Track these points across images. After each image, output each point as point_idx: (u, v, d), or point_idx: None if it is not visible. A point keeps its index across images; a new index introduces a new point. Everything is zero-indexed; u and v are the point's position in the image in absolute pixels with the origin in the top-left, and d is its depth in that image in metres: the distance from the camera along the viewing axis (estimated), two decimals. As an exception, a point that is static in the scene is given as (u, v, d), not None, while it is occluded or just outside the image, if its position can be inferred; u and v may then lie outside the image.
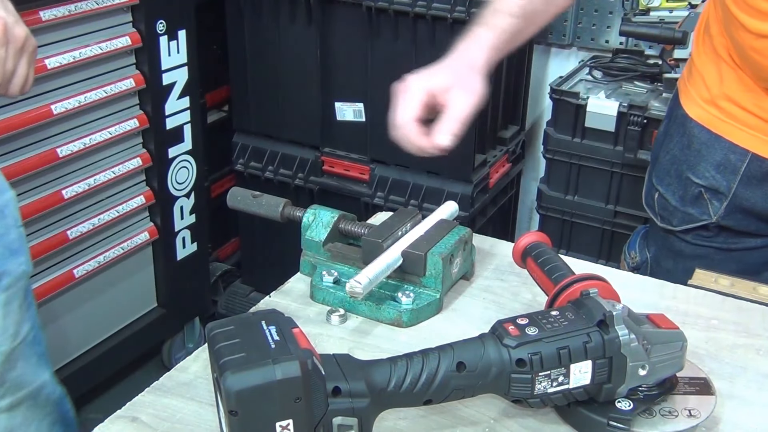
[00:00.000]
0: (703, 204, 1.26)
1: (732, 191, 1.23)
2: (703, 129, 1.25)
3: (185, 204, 2.13)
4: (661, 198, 1.32)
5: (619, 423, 0.75)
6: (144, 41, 1.88)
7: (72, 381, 1.95)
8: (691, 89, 1.28)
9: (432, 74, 1.01)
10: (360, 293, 0.88)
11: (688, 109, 1.27)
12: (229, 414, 0.65)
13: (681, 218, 1.29)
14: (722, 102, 1.22)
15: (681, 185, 1.28)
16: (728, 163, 1.22)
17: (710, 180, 1.25)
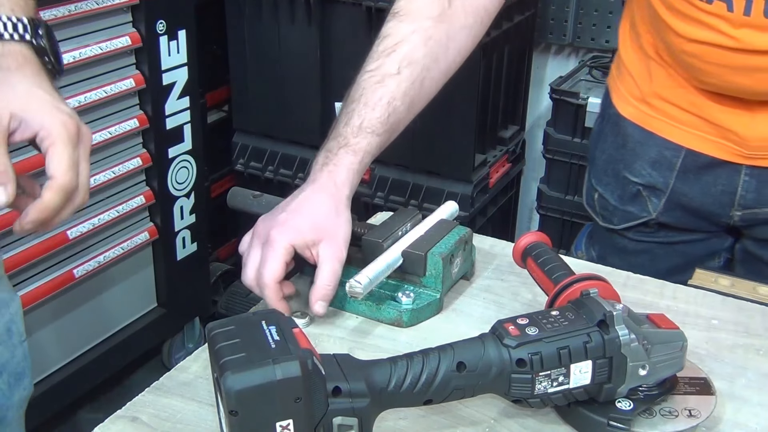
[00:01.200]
0: (642, 202, 1.27)
1: (669, 187, 1.23)
2: (636, 127, 1.25)
3: (185, 204, 2.13)
4: (601, 198, 1.32)
5: (619, 423, 0.75)
6: (144, 41, 1.88)
7: (72, 381, 1.95)
8: (621, 87, 1.28)
9: (297, 226, 0.91)
10: (360, 293, 0.88)
11: (620, 108, 1.28)
12: (229, 414, 0.65)
13: (621, 217, 1.30)
14: (653, 100, 1.22)
15: (619, 184, 1.29)
16: (663, 160, 1.23)
17: (647, 177, 1.25)
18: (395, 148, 1.04)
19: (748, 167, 1.17)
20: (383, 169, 2.20)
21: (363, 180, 1.02)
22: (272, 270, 0.90)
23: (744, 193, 1.19)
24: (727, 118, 1.15)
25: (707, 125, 1.18)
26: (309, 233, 0.92)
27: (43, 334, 1.87)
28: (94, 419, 0.77)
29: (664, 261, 1.29)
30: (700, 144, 1.19)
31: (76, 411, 2.11)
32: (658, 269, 1.23)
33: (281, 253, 0.90)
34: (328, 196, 0.95)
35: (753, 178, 1.18)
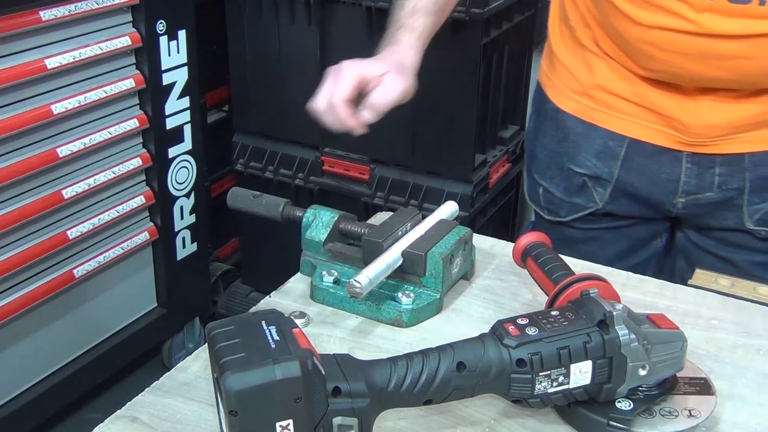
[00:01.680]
0: (588, 192, 1.30)
1: (614, 177, 1.26)
2: (577, 120, 1.27)
3: (185, 204, 2.13)
4: (546, 192, 1.35)
5: (619, 423, 0.75)
6: (144, 41, 1.88)
7: (72, 381, 1.95)
8: (557, 83, 1.30)
9: (367, 62, 1.09)
10: (360, 293, 0.88)
11: (559, 102, 1.30)
12: (229, 414, 0.65)
13: (568, 209, 1.33)
14: (595, 92, 1.24)
15: (564, 177, 1.31)
16: (608, 150, 1.25)
17: (592, 168, 1.27)
18: (395, 148, 1.04)
19: (690, 154, 1.21)
20: (383, 169, 2.20)
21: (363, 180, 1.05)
22: (341, 90, 1.06)
23: (687, 180, 1.23)
24: (671, 106, 1.18)
25: (650, 114, 1.21)
26: (378, 67, 1.08)
27: (43, 334, 1.87)
28: (94, 419, 0.77)
29: (611, 246, 1.33)
30: (644, 133, 1.22)
31: (76, 411, 2.11)
32: (606, 254, 1.30)
33: (350, 76, 1.07)
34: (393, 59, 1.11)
35: (694, 165, 1.21)
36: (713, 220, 1.26)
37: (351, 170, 2.24)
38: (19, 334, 1.81)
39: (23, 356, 1.84)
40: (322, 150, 2.28)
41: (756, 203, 1.23)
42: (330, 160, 2.27)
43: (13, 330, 1.79)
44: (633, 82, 1.21)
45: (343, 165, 2.25)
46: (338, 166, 2.26)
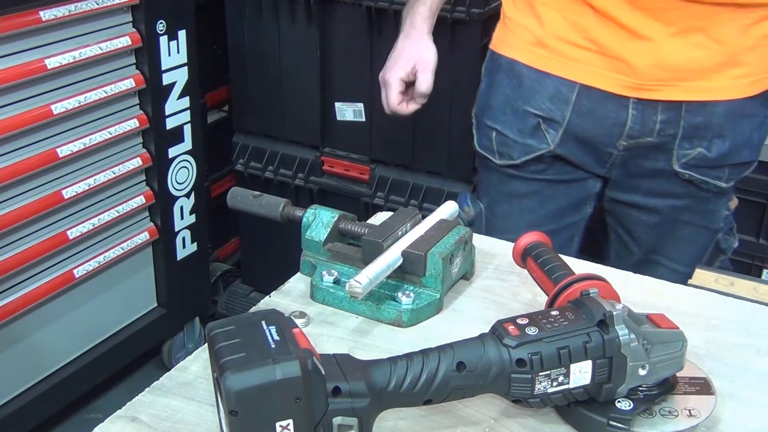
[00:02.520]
0: (541, 134, 1.39)
1: (566, 120, 1.36)
2: (531, 69, 1.37)
3: (185, 204, 2.13)
4: (500, 135, 1.44)
5: (619, 423, 0.75)
6: (144, 41, 1.89)
7: (72, 381, 1.95)
8: (512, 39, 1.41)
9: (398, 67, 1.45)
10: (360, 293, 0.88)
11: (514, 54, 1.40)
12: (229, 414, 0.65)
13: (521, 150, 1.42)
14: (549, 41, 1.35)
15: (519, 119, 1.40)
16: (560, 95, 1.35)
17: (546, 110, 1.37)
18: (395, 148, 1.05)
19: (635, 101, 1.32)
20: (383, 169, 2.20)
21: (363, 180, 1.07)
22: (392, 98, 1.47)
23: (632, 125, 1.34)
24: (620, 46, 1.29)
25: (600, 59, 1.31)
26: (407, 64, 1.45)
27: (43, 334, 1.87)
28: (94, 419, 0.77)
29: (549, 203, 1.45)
30: (593, 79, 1.33)
31: (76, 411, 2.11)
32: (544, 211, 1.44)
33: (395, 84, 1.46)
34: (411, 37, 1.47)
35: (639, 111, 1.33)
36: (647, 163, 1.38)
37: (351, 170, 2.25)
38: (19, 334, 1.81)
39: (23, 356, 1.84)
40: (322, 150, 2.28)
41: (686, 149, 1.35)
42: (330, 160, 2.27)
43: (13, 330, 1.79)
44: (584, 29, 1.31)
45: (343, 165, 2.25)
46: (338, 166, 2.26)
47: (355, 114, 2.19)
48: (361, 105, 2.16)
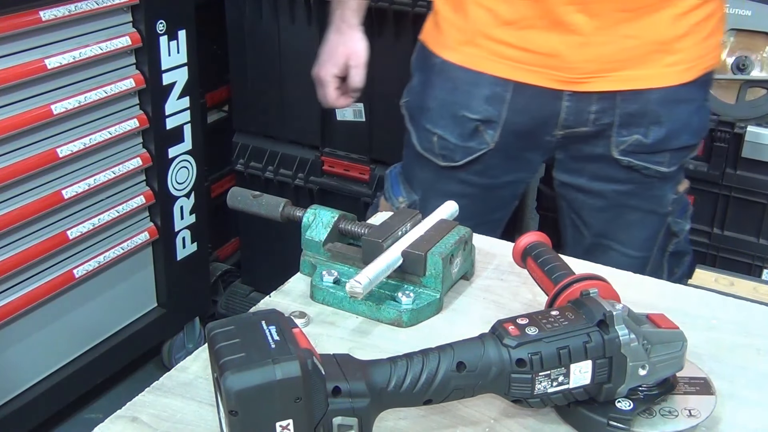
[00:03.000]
0: (480, 136, 1.40)
1: (503, 118, 1.38)
2: (464, 70, 1.38)
3: (185, 204, 2.13)
4: (441, 139, 1.44)
5: (619, 423, 0.75)
6: (144, 41, 1.88)
7: (72, 381, 1.95)
8: (442, 38, 1.41)
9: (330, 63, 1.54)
10: (360, 293, 0.88)
11: (446, 55, 1.40)
12: (229, 414, 0.65)
13: (463, 153, 1.43)
14: (479, 39, 1.35)
15: (458, 124, 1.41)
16: (496, 95, 1.36)
17: (483, 113, 1.38)
18: (395, 148, 1.05)
19: (569, 93, 1.34)
20: (383, 169, 2.20)
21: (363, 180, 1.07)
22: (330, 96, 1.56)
23: (566, 117, 1.36)
24: (551, 42, 1.31)
25: (530, 55, 1.33)
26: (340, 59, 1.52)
27: (43, 334, 1.87)
28: (94, 419, 0.77)
29: (482, 203, 1.48)
30: (526, 76, 1.34)
31: (76, 411, 2.11)
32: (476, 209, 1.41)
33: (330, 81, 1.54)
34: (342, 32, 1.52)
35: (573, 103, 1.35)
36: (586, 148, 1.40)
37: (351, 170, 2.25)
38: (19, 334, 1.81)
39: (23, 356, 1.84)
40: (322, 150, 2.28)
41: (623, 136, 1.37)
42: (330, 160, 2.27)
43: (13, 330, 1.79)
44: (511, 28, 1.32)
45: (343, 165, 2.25)
46: (338, 166, 2.26)
47: (355, 114, 2.19)
48: (361, 105, 2.16)
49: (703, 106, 1.41)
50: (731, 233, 1.92)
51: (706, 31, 1.34)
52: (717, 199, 1.91)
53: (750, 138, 1.83)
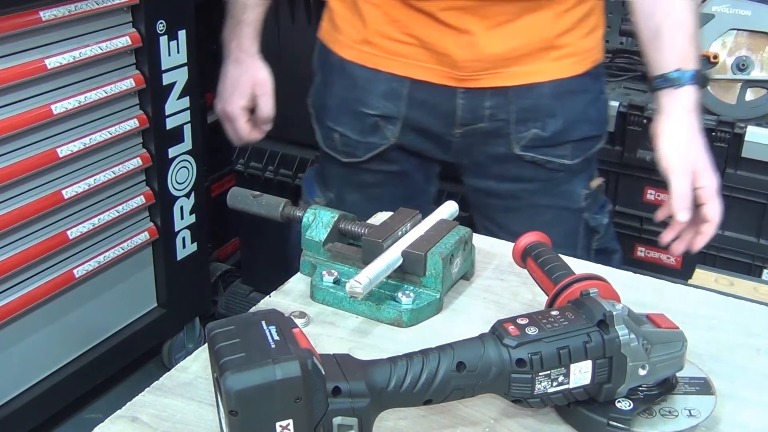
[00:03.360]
0: (380, 131, 1.42)
1: (402, 114, 1.39)
2: (362, 68, 1.40)
3: (185, 204, 2.13)
4: (342, 136, 1.46)
5: (619, 423, 0.75)
6: (144, 41, 1.88)
7: (72, 381, 1.95)
8: (339, 36, 1.42)
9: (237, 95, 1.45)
10: (360, 293, 0.88)
11: (343, 53, 1.42)
12: (229, 414, 0.65)
13: (364, 148, 1.45)
14: (374, 38, 1.37)
15: (357, 120, 1.43)
16: (393, 91, 1.38)
17: (382, 109, 1.40)
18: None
19: (463, 90, 1.36)
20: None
21: None
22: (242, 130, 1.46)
23: (462, 113, 1.38)
24: (440, 40, 1.32)
25: (424, 53, 1.35)
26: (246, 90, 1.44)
27: (43, 334, 1.87)
28: (94, 419, 0.77)
29: (397, 189, 1.49)
30: (421, 73, 1.36)
31: (76, 411, 2.11)
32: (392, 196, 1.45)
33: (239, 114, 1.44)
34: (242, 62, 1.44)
35: (467, 99, 1.37)
36: (487, 148, 1.42)
37: (351, 170, 2.24)
38: (19, 334, 1.81)
39: (23, 356, 1.84)
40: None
41: (521, 131, 1.39)
42: (330, 160, 2.26)
43: (13, 330, 1.79)
44: (402, 24, 1.34)
45: (343, 165, 2.25)
46: (338, 166, 2.26)
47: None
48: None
49: (599, 98, 1.44)
50: (731, 233, 1.92)
51: (588, 26, 1.38)
52: (717, 199, 1.91)
53: (750, 138, 1.83)
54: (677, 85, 1.17)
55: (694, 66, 1.19)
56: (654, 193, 1.99)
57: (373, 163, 1.46)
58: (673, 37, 1.19)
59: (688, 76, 1.17)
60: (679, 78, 1.17)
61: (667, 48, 1.19)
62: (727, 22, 1.85)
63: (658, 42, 1.19)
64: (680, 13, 1.18)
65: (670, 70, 1.19)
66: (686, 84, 1.18)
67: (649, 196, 1.99)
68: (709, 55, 1.86)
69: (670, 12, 1.18)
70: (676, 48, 1.17)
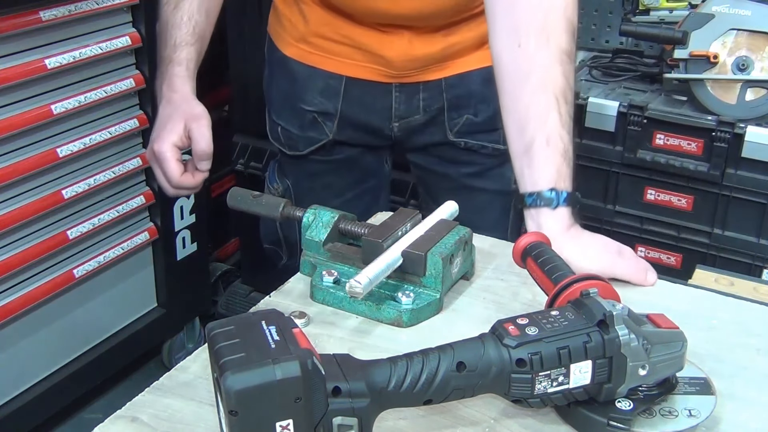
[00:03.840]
0: (319, 126, 1.45)
1: (338, 110, 1.43)
2: (301, 65, 1.43)
3: (185, 204, 2.13)
4: (284, 130, 1.49)
5: (619, 423, 0.75)
6: (144, 41, 1.88)
7: (72, 381, 1.95)
8: (282, 33, 1.45)
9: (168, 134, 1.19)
10: (360, 293, 0.88)
11: (285, 50, 1.45)
12: (229, 414, 0.65)
13: (305, 142, 1.48)
14: (311, 37, 1.41)
15: (297, 115, 1.46)
16: (329, 88, 1.42)
17: (319, 105, 1.44)
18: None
19: (398, 85, 1.40)
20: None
21: None
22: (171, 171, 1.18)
23: (397, 107, 1.42)
24: (375, 43, 1.36)
25: (359, 53, 1.38)
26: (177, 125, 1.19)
27: (43, 334, 1.87)
28: (94, 419, 0.77)
29: (347, 174, 1.51)
30: (356, 71, 1.40)
31: (76, 411, 2.11)
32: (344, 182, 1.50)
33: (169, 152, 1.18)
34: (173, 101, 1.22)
35: (402, 94, 1.41)
36: (425, 137, 1.46)
37: (351, 170, 2.24)
38: (19, 334, 1.81)
39: (23, 356, 1.84)
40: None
41: (454, 119, 1.44)
42: (330, 160, 2.26)
43: (13, 330, 1.79)
44: (341, 26, 1.37)
45: (343, 165, 2.25)
46: (338, 166, 2.26)
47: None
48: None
49: None
50: (731, 233, 1.92)
51: None
52: (717, 199, 1.91)
53: (750, 138, 1.83)
54: (553, 206, 1.04)
55: (568, 185, 1.06)
56: (654, 193, 1.98)
57: (316, 154, 1.49)
58: (547, 154, 1.05)
59: (563, 198, 1.04)
60: (555, 199, 1.04)
61: (541, 165, 1.05)
62: (727, 22, 1.85)
63: (530, 158, 1.06)
64: (554, 126, 1.05)
65: (544, 188, 1.04)
66: (561, 206, 1.03)
67: (649, 196, 1.99)
68: (709, 55, 1.86)
69: (543, 126, 1.05)
70: (551, 166, 1.04)
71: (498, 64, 1.10)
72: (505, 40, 1.09)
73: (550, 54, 1.06)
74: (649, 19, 2.07)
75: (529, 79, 1.06)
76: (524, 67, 1.07)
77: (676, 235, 1.98)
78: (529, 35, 1.06)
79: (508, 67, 1.09)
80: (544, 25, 1.06)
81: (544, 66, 1.06)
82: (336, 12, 1.37)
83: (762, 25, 1.84)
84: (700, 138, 1.89)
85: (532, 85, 1.06)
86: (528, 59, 1.07)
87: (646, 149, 1.96)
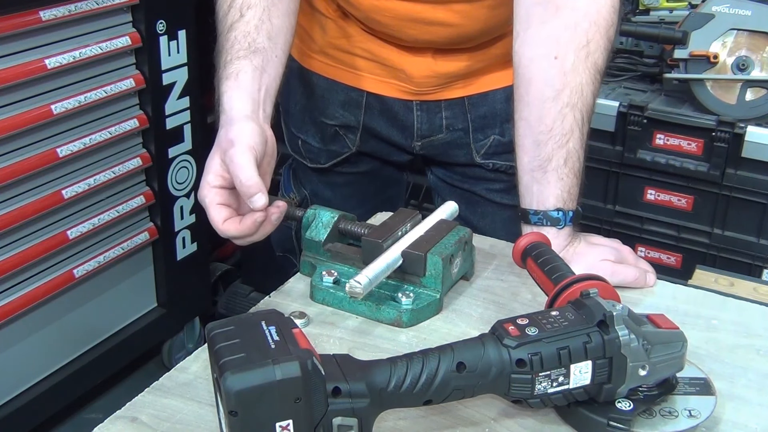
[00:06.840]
0: (341, 140, 1.42)
1: (361, 124, 1.39)
2: (320, 77, 1.39)
3: (185, 204, 2.13)
4: (305, 143, 1.46)
5: (619, 423, 0.75)
6: (144, 41, 1.88)
7: (72, 381, 1.95)
8: (300, 44, 1.40)
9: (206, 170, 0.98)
10: (360, 293, 0.88)
11: (303, 61, 1.41)
12: (229, 414, 0.65)
13: (327, 156, 1.45)
14: (330, 50, 1.36)
15: (318, 129, 1.42)
16: (351, 101, 1.38)
17: (340, 118, 1.39)
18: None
19: (419, 102, 1.35)
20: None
21: None
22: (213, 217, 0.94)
23: (419, 125, 1.37)
24: (397, 59, 1.31)
25: (380, 68, 1.34)
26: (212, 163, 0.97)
27: (44, 334, 1.87)
28: (94, 419, 0.77)
29: (368, 186, 1.49)
30: (377, 86, 1.35)
31: (76, 411, 2.11)
32: (365, 192, 1.48)
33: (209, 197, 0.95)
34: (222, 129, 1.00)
35: (423, 111, 1.36)
36: (448, 158, 1.42)
37: (351, 170, 2.24)
38: (19, 334, 1.81)
39: (23, 356, 1.84)
40: (322, 150, 2.27)
41: (480, 140, 1.38)
42: (330, 160, 2.26)
43: (13, 330, 1.79)
44: (362, 40, 1.32)
45: (343, 165, 2.25)
46: (338, 166, 2.26)
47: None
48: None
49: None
50: (731, 233, 1.92)
51: None
52: (717, 199, 1.91)
53: (750, 138, 1.83)
54: (559, 227, 1.02)
55: (575, 205, 1.04)
56: (654, 193, 1.99)
57: (338, 167, 1.46)
58: (562, 174, 1.02)
59: (569, 218, 1.02)
60: (562, 219, 1.02)
61: (553, 184, 1.02)
62: (727, 22, 1.85)
63: (544, 174, 1.03)
64: (575, 145, 1.02)
65: (551, 208, 1.02)
66: (566, 226, 1.02)
67: (649, 196, 1.99)
68: (709, 55, 1.86)
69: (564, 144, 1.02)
70: (564, 186, 1.02)
71: (524, 73, 1.05)
72: (539, 49, 1.04)
73: (587, 72, 1.03)
74: (649, 19, 2.07)
75: (560, 95, 1.02)
76: (557, 82, 1.03)
77: (676, 235, 1.98)
78: (568, 49, 1.03)
79: (538, 76, 1.04)
80: (586, 42, 1.03)
81: (579, 84, 1.03)
82: (357, 26, 1.32)
83: (762, 25, 1.84)
84: (700, 138, 1.89)
85: (562, 102, 1.02)
86: (563, 73, 1.03)
87: (646, 149, 1.96)
